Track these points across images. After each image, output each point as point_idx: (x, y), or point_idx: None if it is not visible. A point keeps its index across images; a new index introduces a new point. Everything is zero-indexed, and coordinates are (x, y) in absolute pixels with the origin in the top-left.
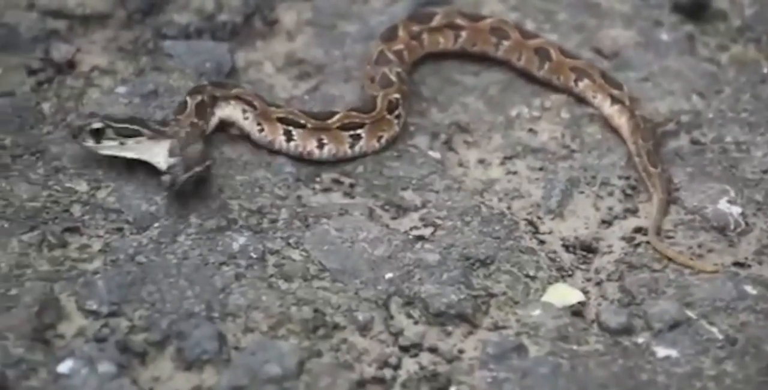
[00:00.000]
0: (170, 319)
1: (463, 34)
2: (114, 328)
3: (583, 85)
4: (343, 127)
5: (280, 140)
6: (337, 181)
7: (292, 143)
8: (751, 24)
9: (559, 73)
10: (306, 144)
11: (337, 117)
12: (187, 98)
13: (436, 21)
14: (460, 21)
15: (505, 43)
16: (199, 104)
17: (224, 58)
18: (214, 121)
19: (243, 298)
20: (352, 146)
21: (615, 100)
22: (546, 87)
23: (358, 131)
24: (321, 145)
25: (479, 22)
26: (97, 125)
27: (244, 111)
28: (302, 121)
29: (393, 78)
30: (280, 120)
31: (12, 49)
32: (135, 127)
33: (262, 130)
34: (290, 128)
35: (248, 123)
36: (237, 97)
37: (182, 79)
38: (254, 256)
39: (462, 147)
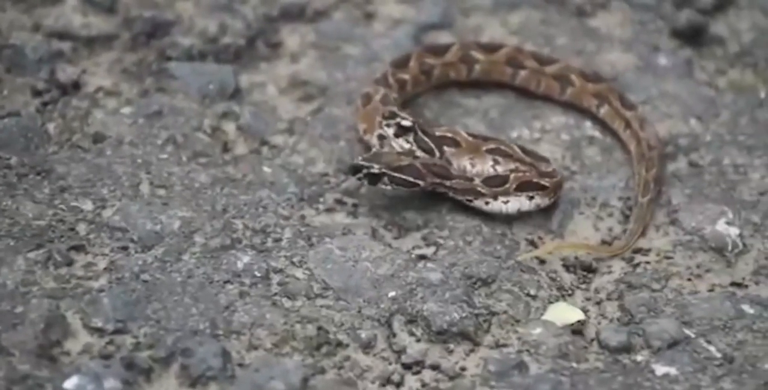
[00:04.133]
0: (175, 336)
1: (477, 67)
2: (119, 345)
3: (604, 111)
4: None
5: None
6: (340, 202)
7: None
8: (749, 49)
9: (581, 99)
10: None
11: None
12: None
13: (452, 54)
14: (475, 53)
15: (522, 72)
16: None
17: (228, 80)
18: None
19: (247, 316)
20: None
21: (628, 125)
22: (546, 110)
23: None
24: None
25: (494, 54)
26: (374, 171)
27: None
28: None
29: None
30: None
31: (17, 70)
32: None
33: None
34: None
35: None
36: None
37: (186, 101)
38: (258, 274)
39: None
